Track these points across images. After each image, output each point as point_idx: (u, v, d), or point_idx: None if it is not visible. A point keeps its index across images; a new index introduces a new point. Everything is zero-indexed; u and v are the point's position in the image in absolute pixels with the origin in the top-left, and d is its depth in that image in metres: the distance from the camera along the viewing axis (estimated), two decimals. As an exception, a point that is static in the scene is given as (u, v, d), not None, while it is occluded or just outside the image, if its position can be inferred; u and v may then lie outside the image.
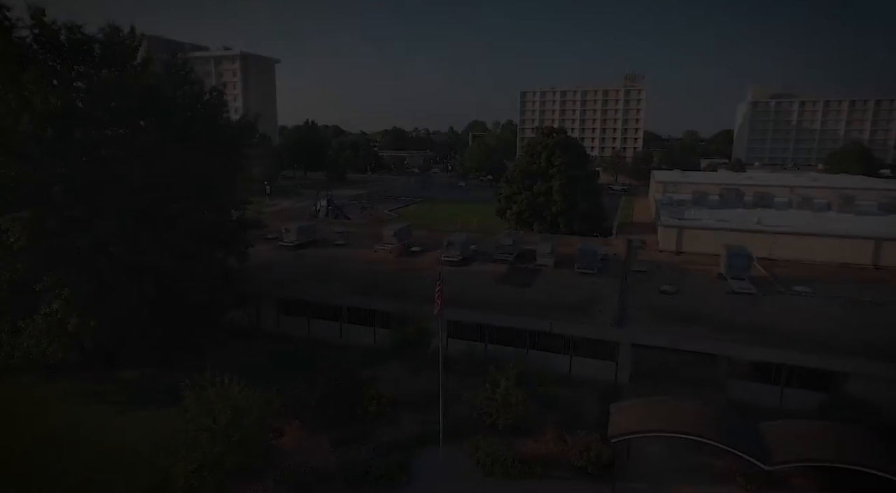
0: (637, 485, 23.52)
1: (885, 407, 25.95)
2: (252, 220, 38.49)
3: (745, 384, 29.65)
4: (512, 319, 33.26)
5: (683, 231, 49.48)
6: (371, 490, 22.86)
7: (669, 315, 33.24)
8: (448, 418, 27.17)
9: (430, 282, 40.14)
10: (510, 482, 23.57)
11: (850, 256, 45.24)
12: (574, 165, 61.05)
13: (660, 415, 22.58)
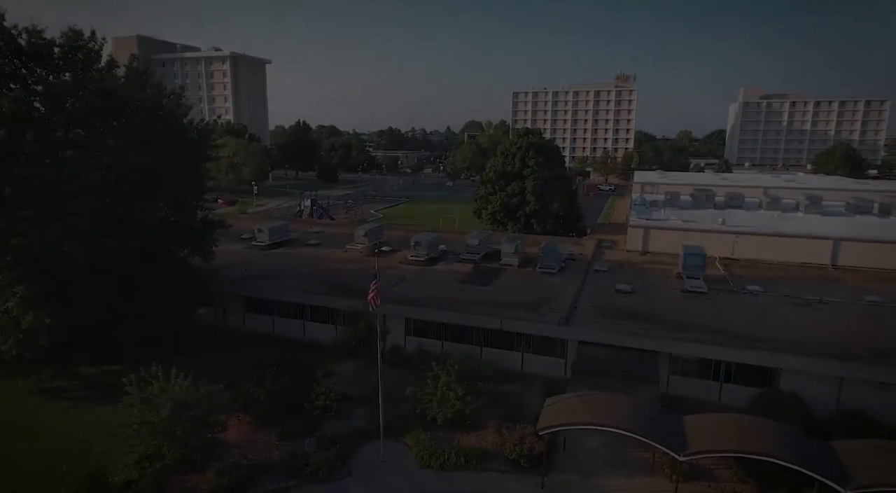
0: (568, 476, 24.33)
1: (813, 402, 26.84)
2: (216, 220, 39.25)
3: (686, 380, 30.52)
4: (465, 317, 34.05)
5: (649, 231, 50.31)
6: (309, 481, 23.64)
7: (620, 313, 34.04)
8: (395, 412, 28.15)
9: (392, 281, 41.23)
10: (444, 473, 24.37)
11: (809, 255, 46.05)
12: (548, 167, 61.83)
13: (588, 409, 23.36)
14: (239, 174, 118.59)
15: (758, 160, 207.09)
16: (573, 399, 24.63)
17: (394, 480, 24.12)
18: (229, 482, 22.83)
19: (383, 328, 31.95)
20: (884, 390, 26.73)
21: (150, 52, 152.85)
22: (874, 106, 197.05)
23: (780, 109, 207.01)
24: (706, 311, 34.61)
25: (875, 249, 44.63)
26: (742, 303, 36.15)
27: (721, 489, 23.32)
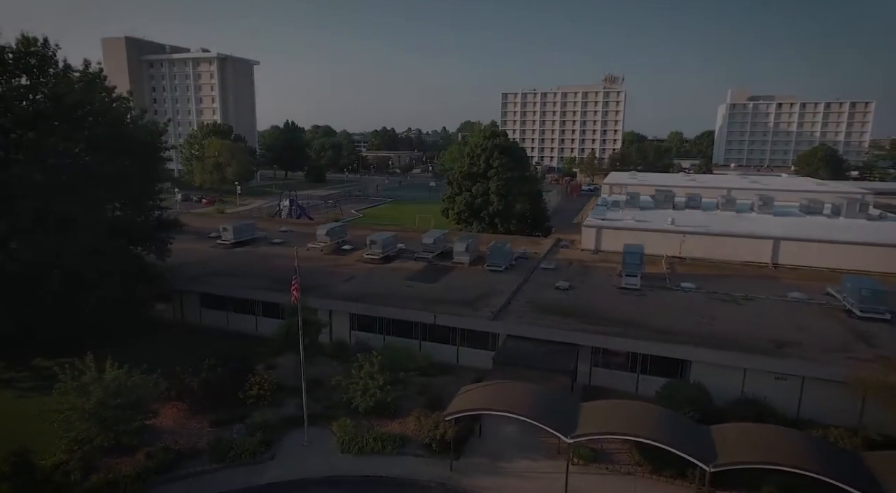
0: (477, 459, 25.92)
1: (721, 391, 28.48)
2: (171, 219, 40.81)
3: (607, 372, 32.13)
4: (402, 312, 35.63)
5: (601, 231, 51.89)
6: (232, 465, 25.19)
7: (552, 309, 35.63)
8: (327, 401, 29.84)
9: (343, 278, 42.81)
10: (361, 457, 25.94)
11: (752, 254, 47.63)
12: (512, 168, 63.36)
13: (492, 396, 24.95)
14: (223, 174, 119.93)
15: (744, 161, 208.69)
16: (483, 388, 26.22)
17: (313, 463, 25.66)
18: (155, 465, 24.38)
19: (318, 322, 33.53)
20: (780, 380, 28.31)
21: (138, 52, 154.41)
22: (859, 108, 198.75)
23: (766, 110, 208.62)
24: (635, 307, 36.20)
25: (812, 248, 46.21)
26: (671, 299, 37.76)
27: (617, 470, 24.94)
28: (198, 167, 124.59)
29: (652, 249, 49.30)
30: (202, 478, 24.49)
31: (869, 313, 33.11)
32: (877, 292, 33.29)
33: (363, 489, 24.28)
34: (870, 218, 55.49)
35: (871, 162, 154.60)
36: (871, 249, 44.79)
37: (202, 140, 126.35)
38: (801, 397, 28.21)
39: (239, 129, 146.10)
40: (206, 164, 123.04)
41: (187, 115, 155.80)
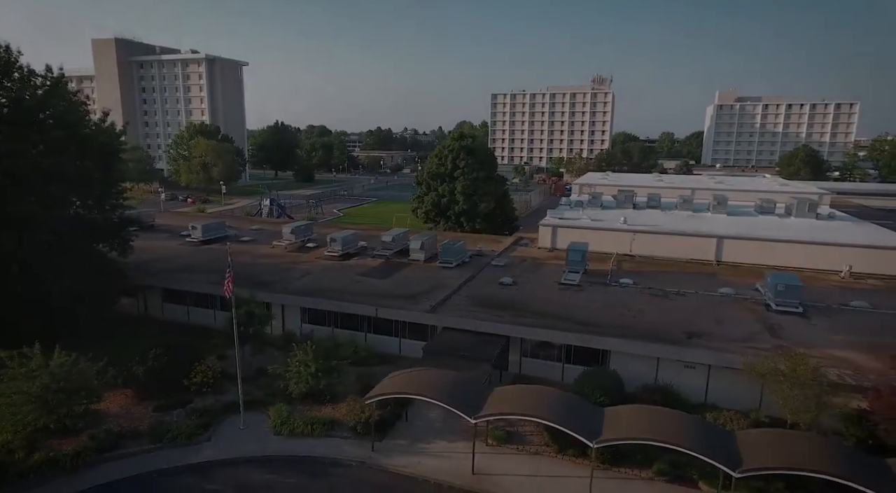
0: (399, 441, 27.81)
1: (637, 378, 30.46)
2: (132, 217, 42.64)
3: (535, 362, 34.05)
4: (347, 305, 37.52)
5: (557, 230, 53.75)
6: (169, 446, 27.05)
7: (489, 303, 37.50)
8: (269, 389, 31.76)
9: (300, 274, 44.64)
10: (292, 439, 27.82)
11: (698, 252, 49.49)
12: (478, 169, 65.18)
13: (409, 382, 26.81)
14: (209, 174, 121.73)
15: (731, 162, 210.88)
16: (405, 374, 28.06)
17: (245, 444, 27.54)
18: (96, 445, 26.25)
19: (265, 315, 35.38)
20: (689, 368, 30.22)
21: (127, 53, 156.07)
22: (844, 109, 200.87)
23: (752, 111, 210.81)
24: (569, 301, 38.09)
25: (753, 246, 48.08)
26: (606, 294, 39.63)
27: (527, 450, 26.86)
28: (184, 167, 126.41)
29: (605, 247, 51.34)
30: (139, 457, 26.34)
31: (783, 306, 35.03)
32: (791, 287, 35.19)
33: (289, 467, 26.14)
34: (818, 217, 57.39)
35: (851, 163, 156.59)
36: (807, 247, 46.65)
37: (189, 140, 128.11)
38: (708, 383, 30.13)
39: (227, 129, 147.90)
40: (192, 164, 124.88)
41: (176, 115, 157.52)
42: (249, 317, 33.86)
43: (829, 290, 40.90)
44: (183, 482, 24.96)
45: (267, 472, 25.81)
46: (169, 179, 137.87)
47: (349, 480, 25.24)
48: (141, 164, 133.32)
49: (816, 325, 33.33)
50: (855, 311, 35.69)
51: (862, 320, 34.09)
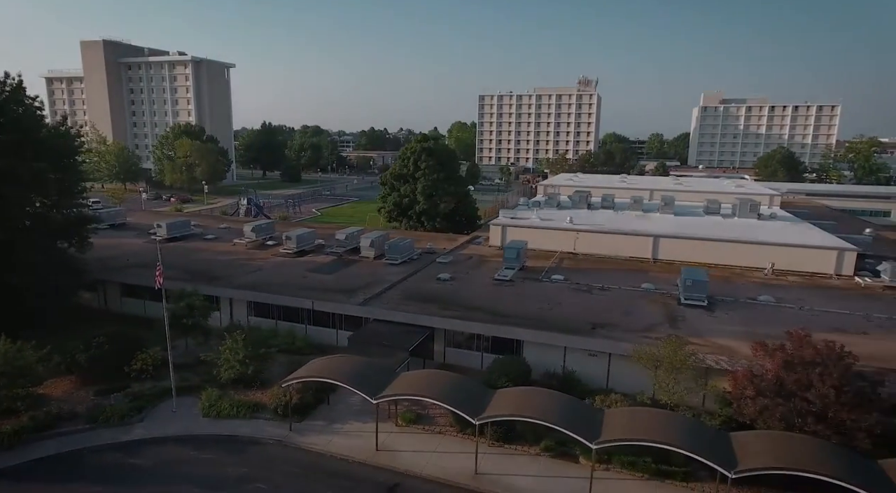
0: (316, 422, 30.20)
1: (547, 366, 32.86)
2: (89, 216, 44.96)
3: (457, 351, 36.43)
4: (286, 299, 39.89)
5: (506, 229, 56.11)
6: (103, 426, 29.37)
7: (421, 297, 39.85)
8: (207, 376, 33.92)
9: (251, 269, 46.92)
10: (218, 421, 30.19)
11: (636, 250, 51.84)
12: (438, 170, 67.55)
13: (322, 367, 29.19)
14: (192, 174, 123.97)
15: (716, 163, 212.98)
16: (322, 360, 30.44)
17: (175, 425, 29.89)
18: (34, 425, 28.61)
19: (205, 306, 37.68)
20: (592, 356, 32.59)
21: (116, 55, 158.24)
22: (825, 111, 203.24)
23: (736, 113, 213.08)
24: (497, 295, 40.43)
25: (687, 244, 50.44)
26: (535, 289, 41.97)
27: (431, 430, 29.23)
28: (168, 167, 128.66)
29: (551, 245, 53.87)
30: (73, 436, 28.70)
31: (690, 300, 37.45)
32: (697, 282, 37.61)
33: (211, 445, 28.51)
34: (760, 218, 59.79)
35: (827, 165, 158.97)
36: (735, 245, 49.03)
37: (173, 141, 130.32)
38: (609, 370, 32.48)
39: (214, 129, 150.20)
40: (176, 164, 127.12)
41: (164, 116, 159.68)
42: (190, 309, 36.17)
43: (747, 285, 43.29)
44: (110, 458, 27.31)
45: (190, 449, 28.17)
46: (154, 179, 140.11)
47: (264, 456, 27.60)
48: (127, 164, 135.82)
49: (717, 317, 35.72)
50: (759, 305, 38.08)
51: (761, 312, 36.47)
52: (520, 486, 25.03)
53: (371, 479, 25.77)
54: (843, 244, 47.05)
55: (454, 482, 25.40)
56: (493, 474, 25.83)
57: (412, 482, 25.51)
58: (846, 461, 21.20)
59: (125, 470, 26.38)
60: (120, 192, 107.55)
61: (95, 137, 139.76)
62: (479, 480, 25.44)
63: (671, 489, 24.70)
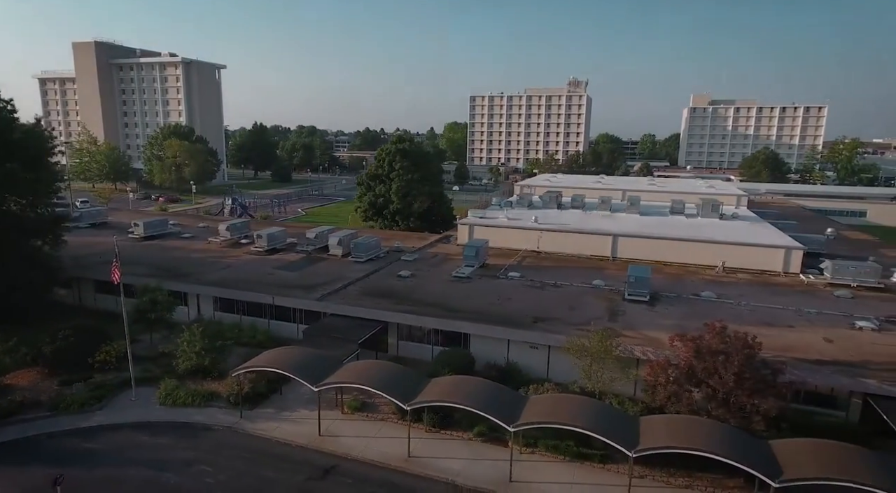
0: (266, 410, 31.85)
1: (493, 357, 34.51)
2: (64, 215, 46.61)
3: (409, 344, 38.09)
4: (248, 294, 41.57)
5: (473, 228, 57.80)
6: (64, 413, 30.99)
7: (379, 293, 41.51)
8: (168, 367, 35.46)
9: (221, 267, 48.50)
10: (174, 409, 31.81)
11: (596, 249, 53.56)
12: (413, 171, 69.23)
13: (272, 358, 30.85)
14: (181, 174, 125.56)
15: (704, 163, 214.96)
16: (273, 352, 32.09)
17: (132, 413, 31.52)
18: (0, 412, 30.26)
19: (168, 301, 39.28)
20: (534, 349, 34.25)
21: (107, 56, 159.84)
22: (813, 112, 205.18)
23: (724, 114, 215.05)
24: (452, 291, 42.09)
25: (644, 243, 52.18)
26: (490, 285, 43.63)
27: (374, 417, 30.88)
28: (157, 167, 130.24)
29: (516, 244, 55.60)
30: (35, 422, 30.31)
31: (633, 295, 39.16)
32: (640, 278, 39.31)
33: (165, 431, 30.12)
34: (722, 217, 61.51)
35: (810, 165, 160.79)
36: (690, 244, 50.76)
37: (163, 141, 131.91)
38: (549, 361, 34.14)
39: (204, 130, 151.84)
40: (165, 164, 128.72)
41: (155, 116, 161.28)
42: (153, 304, 37.82)
43: (697, 282, 45.00)
44: (68, 443, 28.90)
45: (144, 435, 29.79)
46: (144, 179, 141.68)
47: (213, 441, 29.24)
48: (117, 164, 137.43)
49: (656, 311, 37.43)
50: (700, 300, 39.79)
51: (700, 307, 38.13)
52: (448, 467, 26.69)
53: (310, 462, 27.41)
54: (792, 243, 48.77)
55: (387, 464, 27.06)
56: (425, 457, 27.50)
57: (348, 465, 27.17)
58: (739, 441, 22.89)
59: (80, 453, 27.97)
60: (107, 192, 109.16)
61: (86, 137, 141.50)
62: (411, 462, 27.11)
63: (589, 469, 26.40)
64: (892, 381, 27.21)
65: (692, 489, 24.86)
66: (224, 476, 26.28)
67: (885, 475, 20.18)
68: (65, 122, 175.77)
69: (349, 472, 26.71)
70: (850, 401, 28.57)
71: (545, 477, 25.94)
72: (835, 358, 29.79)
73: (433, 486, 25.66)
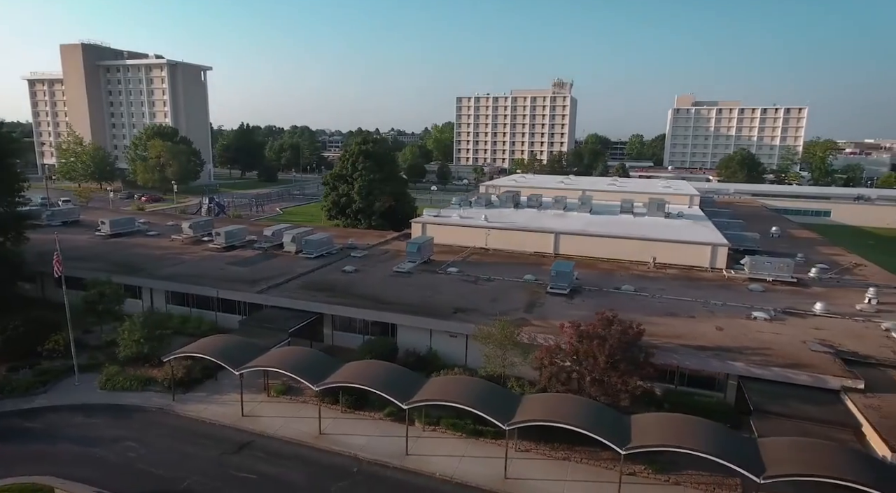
0: (199, 394, 34.27)
1: (417, 346, 36.88)
2: (25, 212, 48.94)
3: (342, 334, 40.53)
4: (194, 287, 44.00)
5: (426, 226, 60.27)
6: (7, 397, 33.36)
7: (319, 286, 43.90)
8: (114, 355, 37.81)
9: (176, 262, 50.81)
10: (114, 392, 34.24)
11: (540, 246, 56.03)
12: (375, 171, 71.65)
13: (202, 345, 33.26)
14: (164, 174, 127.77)
15: (688, 163, 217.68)
16: (204, 340, 34.49)
17: (74, 396, 33.93)
18: (-53, 395, 32.66)
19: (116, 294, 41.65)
20: (453, 337, 36.69)
21: (95, 58, 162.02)
22: (793, 113, 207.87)
23: (707, 115, 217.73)
24: (388, 285, 44.49)
25: (586, 241, 54.66)
26: (427, 280, 46.08)
27: (297, 400, 33.29)
28: (140, 167, 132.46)
29: (467, 241, 58.14)
30: (-20, 405, 32.76)
31: (554, 288, 41.64)
32: (561, 273, 41.83)
33: (101, 412, 32.54)
34: (668, 216, 64.03)
35: (784, 166, 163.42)
36: (625, 241, 53.27)
37: (146, 142, 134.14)
38: (467, 349, 36.56)
39: (190, 130, 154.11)
40: (148, 164, 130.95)
41: (141, 117, 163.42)
42: (101, 296, 40.23)
43: (625, 277, 47.46)
44: (7, 423, 31.30)
45: (82, 415, 32.20)
46: (128, 179, 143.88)
47: (143, 421, 31.66)
48: (102, 164, 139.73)
49: (573, 303, 39.90)
50: (618, 293, 42.29)
51: (615, 300, 40.53)
52: (354, 443, 29.16)
53: (229, 439, 29.85)
54: (719, 241, 51.29)
55: (299, 441, 29.53)
56: (335, 434, 29.97)
57: (263, 441, 29.63)
58: (602, 416, 25.35)
59: (18, 432, 30.38)
60: (87, 191, 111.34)
61: (73, 138, 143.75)
62: (321, 439, 29.58)
63: (482, 444, 28.85)
64: (760, 364, 29.71)
65: (569, 459, 27.34)
66: (146, 451, 28.74)
67: (712, 442, 22.57)
68: (53, 122, 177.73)
69: (263, 447, 29.16)
70: (727, 383, 31.02)
71: (439, 451, 28.42)
72: (718, 344, 32.26)
73: (336, 458, 28.12)
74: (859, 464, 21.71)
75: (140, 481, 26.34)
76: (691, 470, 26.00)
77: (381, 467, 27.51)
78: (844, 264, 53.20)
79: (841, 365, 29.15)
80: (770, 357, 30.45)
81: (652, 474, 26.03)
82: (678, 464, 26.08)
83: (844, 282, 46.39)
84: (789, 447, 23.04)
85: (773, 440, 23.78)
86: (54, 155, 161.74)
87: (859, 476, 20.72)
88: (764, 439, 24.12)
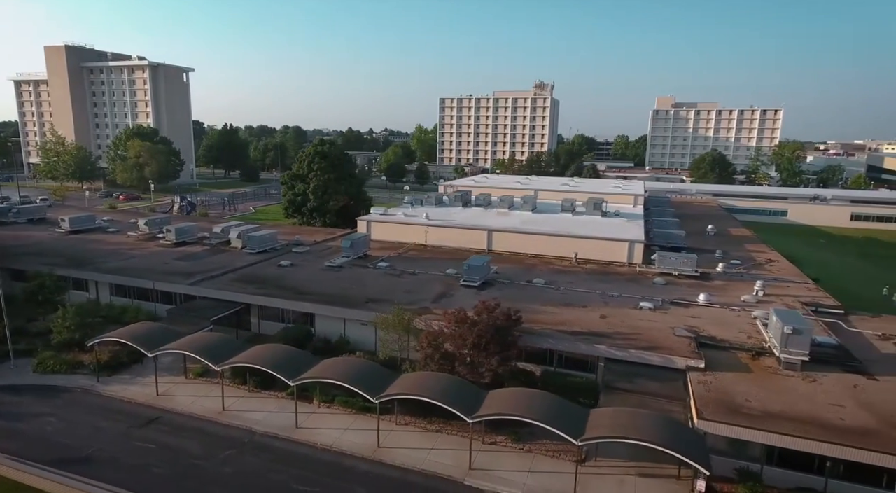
0: (124, 377, 37.20)
1: (331, 334, 39.83)
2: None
3: (268, 323, 43.45)
4: (132, 280, 46.92)
5: (371, 223, 63.24)
6: (-55, 379, 36.30)
7: (251, 279, 46.82)
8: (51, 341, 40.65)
9: (125, 257, 53.69)
10: (45, 375, 37.15)
11: (475, 242, 59.03)
12: (329, 171, 74.59)
13: (125, 331, 36.20)
14: (142, 173, 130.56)
15: (667, 164, 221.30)
16: (131, 326, 37.44)
17: (7, 378, 36.83)
18: None
19: (57, 285, 44.53)
20: (364, 326, 39.60)
21: (78, 60, 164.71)
22: (769, 115, 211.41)
23: (686, 116, 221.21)
24: (316, 278, 47.43)
25: (516, 237, 57.68)
26: (356, 273, 49.02)
27: (212, 381, 36.12)
28: (119, 167, 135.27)
29: (409, 238, 61.08)
30: (-83, 386, 35.63)
31: (466, 281, 44.68)
32: (473, 266, 44.89)
33: (29, 392, 35.41)
34: (605, 215, 67.09)
35: (754, 167, 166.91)
36: (552, 238, 56.28)
37: (125, 142, 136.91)
38: (376, 337, 39.49)
39: (171, 131, 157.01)
40: (127, 164, 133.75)
41: (124, 118, 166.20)
42: (40, 287, 43.13)
43: (545, 271, 50.45)
44: (-57, 402, 34.23)
45: (10, 395, 35.06)
46: (109, 178, 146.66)
47: (66, 400, 34.56)
48: (83, 163, 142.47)
49: (480, 294, 42.74)
50: (529, 286, 45.28)
51: (522, 291, 43.58)
52: (252, 418, 32.10)
53: (141, 414, 32.78)
54: (636, 238, 54.34)
55: (203, 417, 32.46)
56: (237, 411, 32.91)
57: (170, 417, 32.57)
58: (463, 391, 28.38)
59: (-51, 409, 33.31)
60: (64, 190, 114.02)
61: (55, 138, 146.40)
62: (223, 415, 32.50)
63: (367, 419, 31.66)
64: (622, 347, 32.73)
65: (441, 432, 30.30)
66: (63, 425, 31.68)
67: (545, 412, 25.55)
68: (39, 122, 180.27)
69: (169, 422, 32.11)
70: (598, 365, 34.02)
71: (327, 424, 31.42)
72: (594, 330, 35.25)
73: (233, 431, 31.08)
74: (666, 429, 24.65)
75: (50, 450, 29.25)
76: (545, 440, 28.99)
77: (271, 438, 30.47)
78: (759, 260, 56.26)
79: (693, 348, 32.15)
80: (636, 341, 33.45)
81: (510, 443, 29.05)
82: (535, 435, 29.07)
83: (748, 276, 49.40)
84: (612, 415, 26.02)
85: (603, 410, 26.72)
86: (39, 154, 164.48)
87: (657, 438, 23.69)
88: (596, 409, 26.98)
